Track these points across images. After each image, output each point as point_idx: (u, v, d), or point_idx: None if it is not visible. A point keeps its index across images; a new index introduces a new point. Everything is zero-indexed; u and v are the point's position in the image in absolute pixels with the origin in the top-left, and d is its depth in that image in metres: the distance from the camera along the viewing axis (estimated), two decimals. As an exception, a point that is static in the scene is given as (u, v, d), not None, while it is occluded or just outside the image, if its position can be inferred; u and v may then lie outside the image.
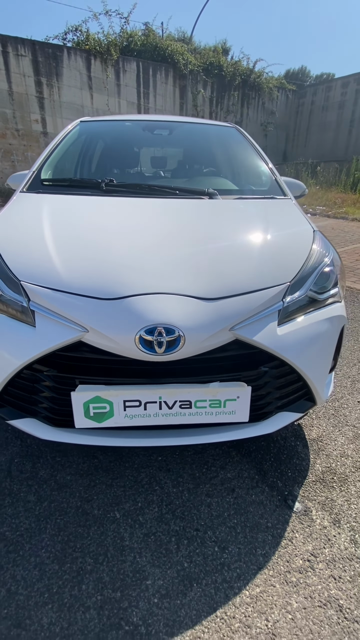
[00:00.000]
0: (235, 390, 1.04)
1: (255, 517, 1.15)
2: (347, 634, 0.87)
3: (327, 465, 1.36)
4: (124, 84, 12.59)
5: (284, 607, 0.91)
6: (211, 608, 0.91)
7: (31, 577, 0.97)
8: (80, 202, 1.53)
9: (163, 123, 2.42)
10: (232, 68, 15.94)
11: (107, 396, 1.01)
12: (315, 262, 1.25)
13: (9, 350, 1.05)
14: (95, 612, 0.90)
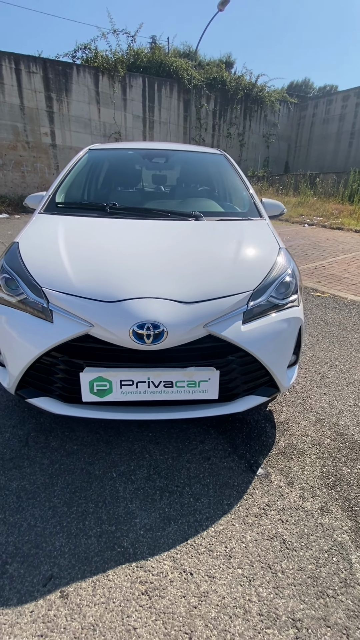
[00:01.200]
0: (207, 373, 1.33)
1: (225, 478, 1.42)
2: (286, 558, 1.14)
3: (289, 442, 1.64)
4: (130, 99, 13.12)
5: (240, 539, 1.19)
6: (184, 538, 1.19)
7: (46, 515, 1.25)
8: (88, 223, 1.85)
9: (160, 152, 2.76)
10: (235, 82, 16.46)
11: (107, 376, 1.31)
12: (277, 274, 1.55)
13: (31, 340, 1.35)
14: (95, 539, 1.18)
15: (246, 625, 0.96)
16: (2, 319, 1.45)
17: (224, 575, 1.08)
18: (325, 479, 1.44)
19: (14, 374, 1.42)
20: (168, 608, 0.99)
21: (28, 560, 1.11)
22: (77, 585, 1.04)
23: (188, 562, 1.11)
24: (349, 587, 1.06)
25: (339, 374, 2.21)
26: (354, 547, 1.17)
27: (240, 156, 17.83)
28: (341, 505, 1.33)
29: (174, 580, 1.06)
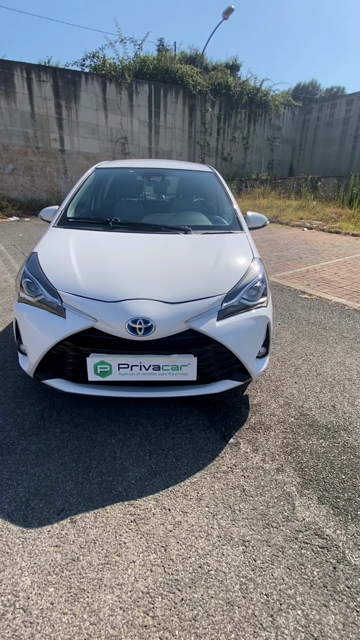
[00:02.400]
0: (187, 359, 1.67)
1: (202, 445, 1.76)
2: (244, 501, 1.46)
3: (259, 419, 1.97)
4: (136, 105, 13.50)
5: (209, 488, 1.52)
6: (165, 486, 1.52)
7: (58, 469, 1.60)
8: (94, 236, 2.21)
9: (158, 170, 3.10)
10: (239, 87, 16.74)
11: (108, 360, 1.65)
12: (248, 280, 1.88)
13: (48, 332, 1.70)
14: (96, 485, 1.52)
15: (207, 543, 1.29)
16: (24, 315, 1.81)
17: (194, 511, 1.42)
18: (285, 448, 1.76)
19: (33, 359, 1.77)
20: (150, 531, 1.33)
21: (45, 498, 1.46)
22: (82, 515, 1.39)
23: (167, 502, 1.45)
24: (289, 521, 1.38)
25: (311, 367, 2.53)
26: (299, 495, 1.50)
27: (245, 159, 18.12)
28: (294, 467, 1.65)
29: (155, 513, 1.40)
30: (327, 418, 1.99)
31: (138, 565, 1.21)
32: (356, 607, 1.11)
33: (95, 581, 1.16)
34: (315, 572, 1.20)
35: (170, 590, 1.14)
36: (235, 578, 1.18)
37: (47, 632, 1.03)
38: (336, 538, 1.32)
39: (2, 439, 1.77)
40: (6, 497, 1.45)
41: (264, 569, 1.21)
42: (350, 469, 1.64)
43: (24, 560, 1.22)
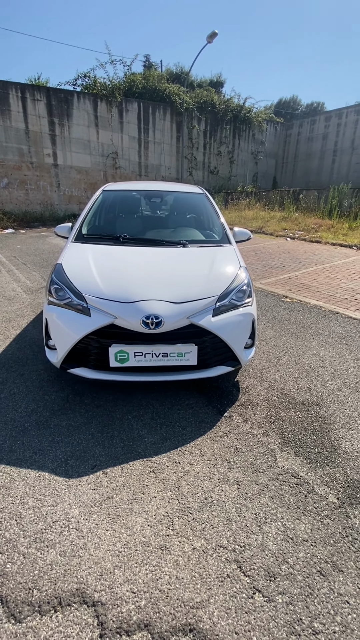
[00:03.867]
0: (189, 347, 2.09)
1: (202, 418, 2.16)
2: (236, 455, 1.87)
3: (248, 398, 2.39)
4: (126, 121, 14.11)
5: (209, 447, 1.93)
6: (175, 447, 1.92)
7: (87, 438, 1.98)
8: (109, 249, 2.63)
9: (158, 192, 3.57)
10: (224, 105, 17.61)
11: (126, 350, 2.05)
12: (236, 284, 2.33)
13: (76, 328, 2.09)
14: (120, 448, 1.90)
15: (210, 484, 1.69)
16: (53, 316, 2.20)
17: (198, 463, 1.81)
18: (269, 419, 2.19)
19: (62, 352, 2.15)
20: (165, 477, 1.72)
21: (80, 458, 1.83)
22: (111, 468, 1.77)
23: (177, 458, 1.85)
24: (272, 468, 1.80)
25: (291, 358, 2.98)
26: (279, 451, 1.92)
27: (231, 172, 18.94)
28: (276, 431, 2.07)
29: (169, 465, 1.80)
30: (303, 396, 2.43)
31: (159, 499, 1.60)
32: (321, 520, 1.52)
33: (127, 510, 1.55)
34: (291, 499, 1.62)
35: (184, 513, 1.54)
36: (232, 505, 1.58)
37: (95, 541, 1.41)
38: (307, 478, 1.74)
39: (37, 418, 2.13)
40: (49, 459, 1.82)
41: (253, 498, 1.62)
42: (320, 432, 2.07)
43: (70, 499, 1.59)
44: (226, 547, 1.39)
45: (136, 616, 1.16)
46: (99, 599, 1.21)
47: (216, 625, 1.14)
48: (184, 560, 1.34)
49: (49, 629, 1.13)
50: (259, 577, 1.29)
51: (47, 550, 1.37)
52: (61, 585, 1.25)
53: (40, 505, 1.56)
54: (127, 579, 1.27)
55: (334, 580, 1.28)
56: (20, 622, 1.14)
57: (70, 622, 1.15)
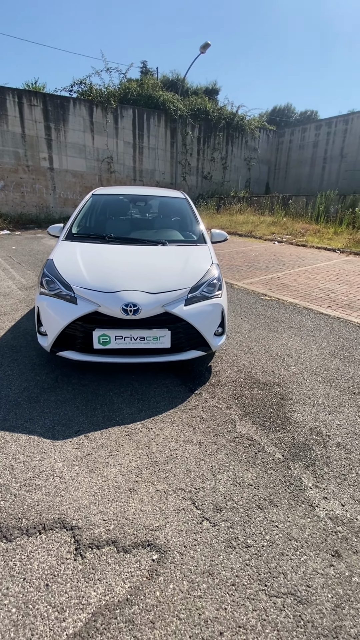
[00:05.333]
0: (163, 332, 2.38)
1: (175, 395, 2.46)
2: (202, 423, 2.17)
3: (217, 380, 2.69)
4: (121, 127, 14.47)
5: (179, 417, 2.22)
6: (149, 417, 2.21)
7: (72, 410, 2.26)
8: (95, 247, 2.93)
9: (142, 197, 3.89)
10: (217, 113, 18.07)
11: (108, 333, 2.34)
12: (207, 278, 2.63)
13: (64, 314, 2.38)
14: (101, 418, 2.19)
15: (176, 444, 1.98)
16: (44, 304, 2.48)
17: (168, 428, 2.11)
18: (234, 396, 2.48)
19: (52, 336, 2.44)
20: (139, 439, 2.01)
21: (65, 425, 2.11)
22: (92, 433, 2.05)
23: (150, 425, 2.14)
24: (230, 433, 2.09)
25: (262, 347, 3.29)
26: (239, 420, 2.21)
27: (224, 178, 19.39)
28: (239, 405, 2.37)
29: (142, 430, 2.08)
30: (267, 378, 2.73)
31: (131, 455, 1.89)
32: (265, 470, 1.82)
33: (104, 463, 1.83)
34: (243, 455, 1.91)
35: (151, 465, 1.82)
36: (192, 459, 1.88)
37: (75, 485, 1.69)
38: (260, 440, 2.04)
39: (29, 395, 2.41)
40: (38, 426, 2.10)
41: (211, 455, 1.91)
42: (277, 406, 2.38)
43: (55, 455, 1.87)
44: (184, 489, 1.68)
45: (105, 536, 1.45)
46: (75, 524, 1.49)
47: (169, 542, 1.43)
48: (148, 498, 1.63)
49: (33, 546, 1.41)
50: (209, 509, 1.58)
51: (34, 492, 1.64)
52: (45, 515, 1.53)
53: (29, 460, 1.83)
54: (100, 511, 1.56)
55: (269, 512, 1.58)
56: (10, 541, 1.42)
57: (52, 540, 1.43)
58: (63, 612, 1.19)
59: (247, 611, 1.20)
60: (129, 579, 1.29)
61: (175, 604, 1.22)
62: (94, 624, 1.15)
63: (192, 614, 1.19)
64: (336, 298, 4.97)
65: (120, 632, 1.14)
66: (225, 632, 1.14)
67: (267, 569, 1.34)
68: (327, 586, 1.28)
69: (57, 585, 1.27)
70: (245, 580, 1.29)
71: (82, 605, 1.21)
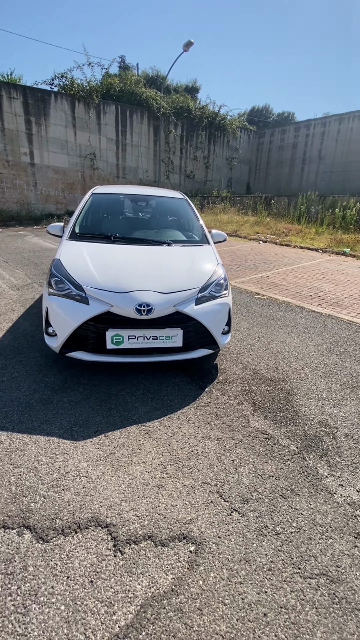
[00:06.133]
0: (175, 331, 2.43)
1: (187, 392, 2.51)
2: (217, 419, 2.23)
3: (225, 377, 2.76)
4: (104, 123, 14.26)
5: (194, 414, 2.28)
6: (165, 415, 2.25)
7: (87, 410, 2.26)
8: (102, 247, 2.92)
9: (144, 196, 3.90)
10: (199, 112, 18.16)
11: (121, 333, 2.36)
12: (214, 278, 2.70)
13: (76, 315, 2.37)
14: (117, 417, 2.21)
15: (195, 441, 2.04)
16: (54, 305, 2.46)
17: (185, 426, 2.16)
18: (243, 392, 2.57)
19: (62, 337, 2.42)
20: (158, 437, 2.05)
21: (83, 425, 2.12)
22: (111, 432, 2.07)
23: (167, 422, 2.18)
24: (245, 428, 2.17)
25: (262, 344, 3.40)
26: (251, 415, 2.30)
27: (206, 177, 19.53)
28: (249, 401, 2.46)
29: (160, 428, 2.13)
30: (272, 374, 2.84)
31: (153, 453, 1.93)
32: (283, 462, 1.91)
33: (128, 461, 1.86)
34: (261, 449, 2.00)
35: (175, 462, 1.87)
36: (213, 454, 1.94)
37: (103, 484, 1.71)
38: (274, 434, 2.13)
39: (40, 396, 2.39)
40: (55, 427, 2.09)
41: (231, 449, 1.98)
42: (285, 401, 2.48)
43: (78, 455, 1.88)
44: (210, 483, 1.75)
45: (141, 531, 1.49)
46: (110, 522, 1.52)
47: (204, 533, 1.49)
48: (177, 493, 1.68)
49: (71, 545, 1.42)
50: (236, 501, 1.65)
51: (63, 492, 1.65)
52: (78, 515, 1.55)
53: (52, 462, 1.83)
54: (132, 507, 1.59)
55: (292, 500, 1.67)
56: (47, 542, 1.43)
57: (89, 538, 1.45)
58: (112, 606, 1.22)
59: (285, 593, 1.28)
60: (171, 571, 1.34)
61: (219, 590, 1.28)
62: (145, 615, 1.20)
63: (236, 599, 1.26)
64: (325, 296, 5.18)
65: (171, 620, 1.18)
66: (269, 613, 1.22)
67: (299, 553, 1.42)
68: (355, 565, 1.39)
69: (101, 581, 1.30)
70: (280, 565, 1.38)
71: (130, 599, 1.24)
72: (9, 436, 2.00)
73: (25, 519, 1.51)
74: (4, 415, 2.17)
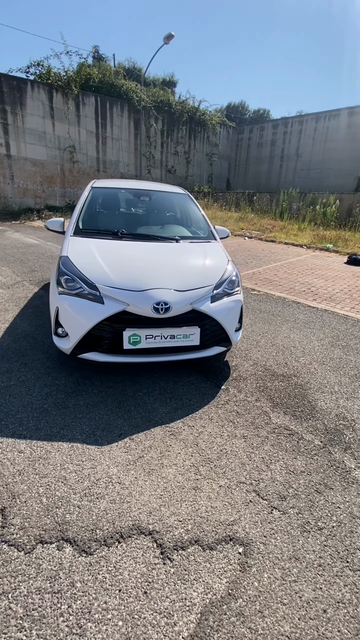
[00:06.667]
0: (193, 329, 2.39)
1: (204, 391, 2.49)
2: (239, 417, 2.23)
3: (238, 374, 2.76)
4: (83, 115, 13.82)
5: (215, 413, 2.26)
6: (187, 414, 2.21)
7: (107, 413, 2.19)
8: (111, 243, 2.82)
9: (145, 191, 3.80)
10: (179, 106, 18.01)
11: (138, 333, 2.29)
12: (227, 276, 2.68)
13: (90, 315, 2.27)
14: (139, 419, 2.15)
15: (222, 440, 2.02)
16: (65, 305, 2.35)
17: (209, 425, 2.13)
18: (258, 388, 2.58)
19: (75, 338, 2.32)
20: (184, 438, 2.01)
21: (105, 429, 2.04)
22: (136, 435, 2.01)
23: (190, 422, 2.15)
24: (268, 424, 2.18)
25: (268, 340, 3.43)
26: (271, 412, 2.31)
27: (187, 172, 19.45)
28: (266, 398, 2.47)
29: (185, 429, 2.09)
30: (283, 370, 2.87)
31: (183, 454, 1.89)
32: (311, 457, 1.93)
33: (158, 464, 1.81)
34: (287, 445, 2.01)
35: (206, 462, 1.85)
36: (243, 453, 1.93)
37: (138, 490, 1.66)
38: (296, 429, 2.15)
39: (54, 400, 2.28)
40: (76, 432, 2.01)
41: (258, 447, 1.98)
42: (300, 396, 2.52)
43: (106, 461, 1.81)
44: (245, 482, 1.74)
45: (187, 536, 1.45)
46: (153, 529, 1.47)
47: (249, 534, 1.48)
48: (214, 494, 1.65)
49: (117, 555, 1.37)
50: (274, 499, 1.65)
51: (98, 501, 1.58)
52: (119, 524, 1.49)
53: (80, 469, 1.75)
54: (172, 512, 1.55)
55: (327, 494, 1.69)
56: (91, 555, 1.36)
57: (134, 547, 1.40)
58: (171, 617, 1.18)
59: (339, 587, 1.30)
60: (224, 575, 1.32)
61: (275, 591, 1.27)
62: (207, 623, 1.17)
63: (294, 598, 1.25)
64: (317, 291, 5.31)
65: (234, 626, 1.16)
66: (328, 609, 1.23)
67: (344, 547, 1.44)
68: None
69: (155, 591, 1.25)
70: (329, 560, 1.39)
71: (188, 607, 1.21)
72: (28, 444, 1.89)
73: (63, 532, 1.43)
74: (19, 422, 2.05)
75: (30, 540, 1.39)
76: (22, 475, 1.69)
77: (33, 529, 1.44)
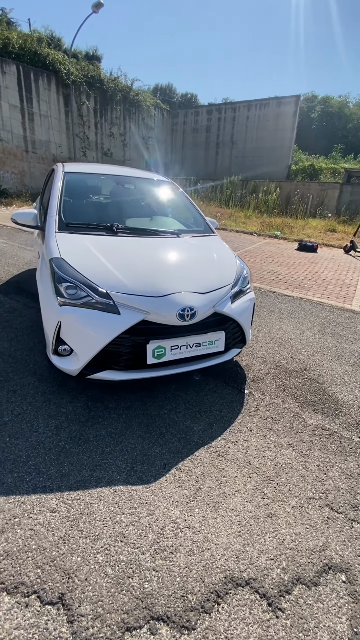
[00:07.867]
0: (219, 334, 2.19)
1: (230, 398, 2.32)
2: (273, 423, 2.12)
3: (254, 375, 2.66)
4: (4, 86, 12.10)
5: (251, 422, 2.12)
6: (224, 429, 2.03)
7: (137, 441, 1.89)
8: (108, 240, 2.42)
9: (127, 178, 3.36)
10: (112, 83, 16.88)
11: (163, 344, 2.00)
12: (240, 272, 2.51)
13: (105, 329, 1.91)
14: (177, 442, 1.90)
15: (271, 453, 1.89)
16: (70, 318, 1.94)
17: (251, 438, 1.99)
18: (279, 388, 2.51)
19: (87, 356, 1.95)
20: (233, 457, 1.84)
21: (145, 461, 1.76)
22: (181, 463, 1.77)
23: (232, 438, 1.98)
24: (306, 427, 2.12)
25: (265, 334, 3.39)
26: (302, 412, 2.26)
27: (124, 155, 18.51)
28: (292, 398, 2.41)
29: (229, 447, 1.91)
30: (292, 365, 2.85)
31: (240, 477, 1.72)
32: (349, 454, 1.92)
33: (221, 494, 1.61)
34: (332, 446, 1.97)
35: (266, 481, 1.70)
36: (297, 464, 1.83)
37: (212, 531, 1.44)
38: (332, 428, 2.13)
39: (69, 434, 1.89)
40: (113, 471, 1.69)
41: (308, 454, 1.90)
42: (320, 391, 2.52)
43: (162, 502, 1.55)
44: (314, 497, 1.64)
45: (286, 576, 1.30)
46: (249, 577, 1.29)
47: (344, 557, 1.38)
48: (292, 519, 1.53)
49: (223, 621, 1.16)
50: (348, 510, 1.59)
51: (174, 556, 1.34)
52: (209, 580, 1.27)
53: (137, 519, 1.47)
54: (260, 550, 1.38)
55: (392, 494, 1.69)
56: (194, 629, 1.13)
57: (237, 606, 1.20)
58: None
59: None
60: (341, 612, 1.20)
61: None
62: None
63: None
64: (285, 279, 5.48)
65: (379, 673, 1.06)
66: None
67: None
68: None
69: (282, 655, 1.08)
70: None
71: (324, 665, 1.07)
72: (60, 499, 1.52)
73: (150, 609, 1.17)
74: (36, 471, 1.65)
75: (114, 631, 1.10)
76: (67, 543, 1.35)
77: (111, 614, 1.14)
